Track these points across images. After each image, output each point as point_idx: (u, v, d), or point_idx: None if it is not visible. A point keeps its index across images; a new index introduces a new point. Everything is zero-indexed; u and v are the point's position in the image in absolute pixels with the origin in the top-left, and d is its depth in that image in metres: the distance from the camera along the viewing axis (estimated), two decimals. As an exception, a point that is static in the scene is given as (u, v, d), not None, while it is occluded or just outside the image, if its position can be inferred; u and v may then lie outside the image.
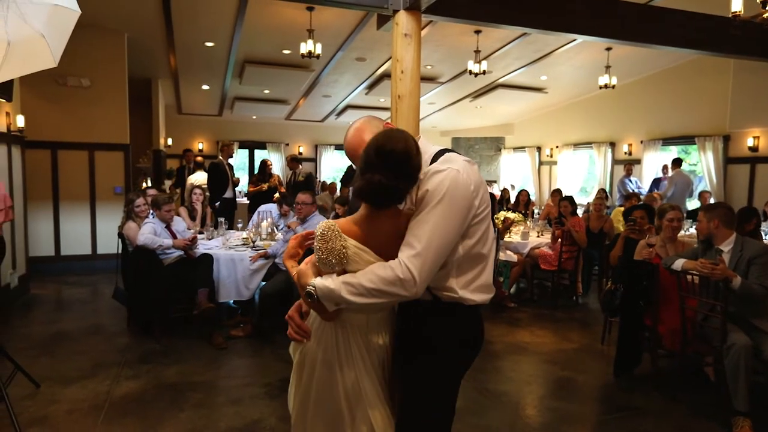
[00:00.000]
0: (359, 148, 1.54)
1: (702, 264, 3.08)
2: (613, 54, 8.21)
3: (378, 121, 1.67)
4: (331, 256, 1.44)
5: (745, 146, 8.47)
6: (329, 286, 1.44)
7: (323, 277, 1.48)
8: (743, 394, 2.93)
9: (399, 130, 1.52)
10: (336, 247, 1.44)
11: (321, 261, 1.47)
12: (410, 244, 1.41)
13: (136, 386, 3.53)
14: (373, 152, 1.44)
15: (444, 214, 1.43)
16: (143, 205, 4.58)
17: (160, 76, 9.69)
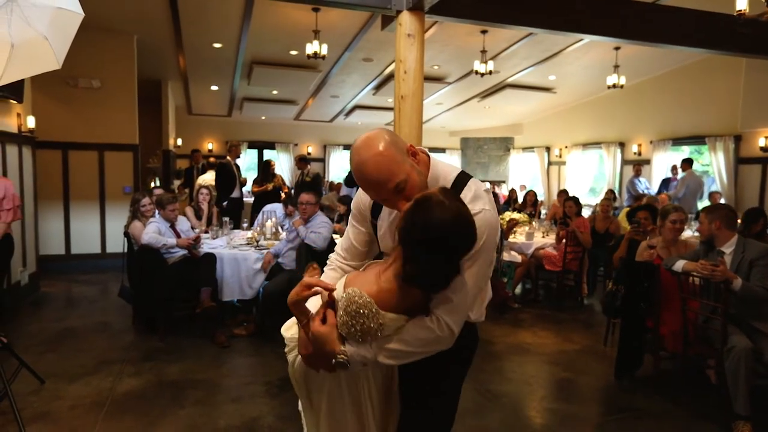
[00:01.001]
0: (387, 182, 1.34)
1: (702, 265, 3.05)
2: (621, 53, 8.14)
3: (400, 141, 1.41)
4: (366, 335, 1.34)
5: (757, 146, 8.35)
6: (365, 356, 1.35)
7: (354, 345, 1.36)
8: (744, 397, 2.89)
9: (447, 195, 1.30)
10: (373, 327, 1.33)
11: (350, 335, 1.35)
12: (448, 298, 1.34)
13: (138, 383, 3.57)
14: (435, 235, 1.25)
15: (483, 262, 1.41)
16: (149, 205, 4.64)
17: (169, 77, 9.80)
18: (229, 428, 2.99)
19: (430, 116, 12.80)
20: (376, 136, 1.37)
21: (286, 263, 4.64)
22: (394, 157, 1.36)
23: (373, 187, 1.40)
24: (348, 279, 1.48)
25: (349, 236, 1.68)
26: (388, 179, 1.35)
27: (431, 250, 1.26)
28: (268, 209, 5.71)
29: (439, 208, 1.26)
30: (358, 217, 1.65)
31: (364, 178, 1.38)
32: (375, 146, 1.35)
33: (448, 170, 1.51)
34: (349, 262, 1.68)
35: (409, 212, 1.29)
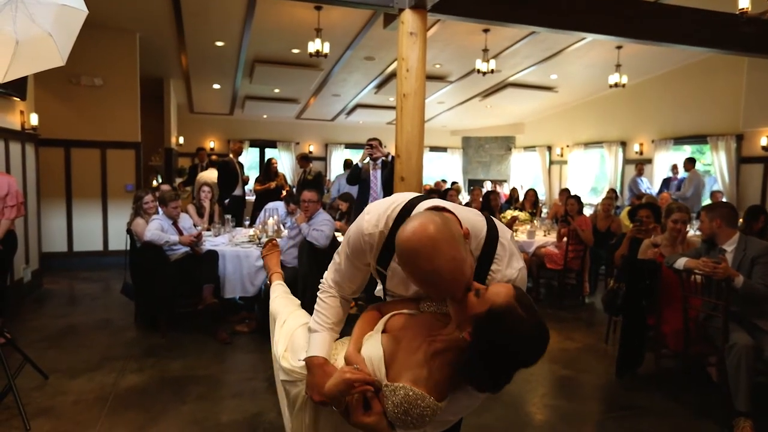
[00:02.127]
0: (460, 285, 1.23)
1: (704, 263, 3.05)
2: (623, 52, 8.13)
3: (455, 228, 1.26)
4: (422, 425, 1.29)
5: (759, 146, 8.34)
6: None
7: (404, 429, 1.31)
8: (745, 394, 2.90)
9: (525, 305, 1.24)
10: (431, 420, 1.29)
11: (403, 425, 1.29)
12: None
13: (140, 379, 3.59)
14: (512, 353, 1.22)
15: None
16: (151, 202, 4.65)
17: (172, 76, 9.82)
18: (231, 423, 3.00)
19: (432, 115, 12.80)
20: (442, 236, 1.19)
21: (287, 261, 4.65)
22: (464, 256, 1.24)
23: (441, 291, 1.26)
24: (387, 350, 1.36)
25: (344, 273, 1.55)
26: (460, 282, 1.23)
27: (503, 365, 1.24)
28: (270, 207, 5.72)
29: (522, 325, 1.21)
30: (356, 259, 1.51)
31: (435, 283, 1.22)
32: (446, 250, 1.19)
33: (477, 226, 1.39)
34: (345, 294, 1.61)
35: (488, 325, 1.21)
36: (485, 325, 1.21)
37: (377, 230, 1.42)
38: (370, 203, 1.54)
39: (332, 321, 1.56)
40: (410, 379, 1.29)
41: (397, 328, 1.43)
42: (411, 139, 4.99)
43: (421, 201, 1.43)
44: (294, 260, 4.60)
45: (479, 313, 1.23)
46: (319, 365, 1.47)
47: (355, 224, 1.48)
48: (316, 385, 1.45)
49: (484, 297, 1.25)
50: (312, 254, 4.40)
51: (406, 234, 1.21)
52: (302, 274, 4.41)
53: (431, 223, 1.21)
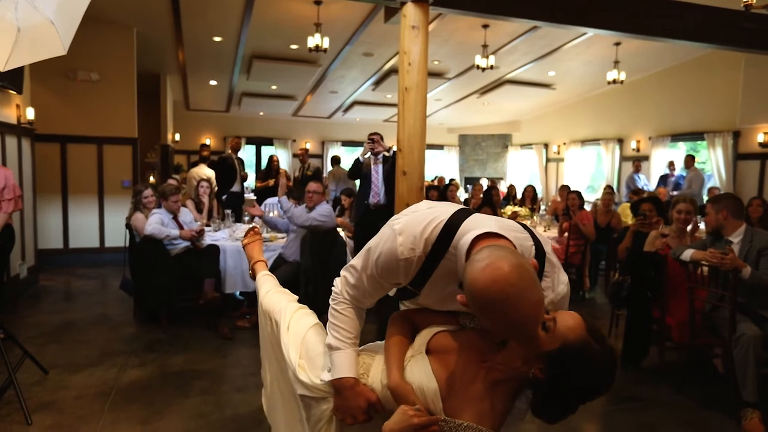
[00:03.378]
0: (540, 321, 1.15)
1: (712, 254, 3.05)
2: (621, 49, 8.15)
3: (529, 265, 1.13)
4: None
5: (756, 142, 8.39)
6: None
7: None
8: (752, 385, 2.90)
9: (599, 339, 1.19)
10: None
11: None
12: None
13: (142, 374, 3.55)
14: (589, 387, 1.20)
15: None
16: (151, 196, 4.60)
17: (168, 72, 9.74)
18: (236, 417, 2.97)
19: (429, 112, 12.73)
20: (525, 283, 1.07)
21: (288, 255, 4.62)
22: (542, 296, 1.15)
23: (522, 337, 1.16)
24: (441, 380, 1.30)
25: (365, 290, 1.44)
26: (540, 323, 1.16)
27: (578, 399, 1.21)
28: (270, 202, 5.69)
29: (598, 360, 1.17)
30: (383, 281, 1.41)
31: (519, 332, 1.13)
32: (530, 296, 1.08)
33: (527, 246, 1.28)
34: (360, 306, 1.52)
35: (560, 360, 1.17)
36: (560, 363, 1.16)
37: (415, 255, 1.29)
38: (398, 219, 1.37)
39: (353, 335, 1.47)
40: (474, 416, 1.23)
41: (443, 350, 1.35)
42: (413, 133, 4.98)
43: (463, 219, 1.28)
44: (294, 254, 4.56)
45: (552, 350, 1.17)
46: (351, 387, 1.40)
47: (384, 246, 1.33)
48: (349, 408, 1.40)
49: (556, 332, 1.18)
50: (315, 248, 4.37)
51: (483, 281, 1.06)
52: (305, 268, 4.37)
53: (509, 265, 1.06)
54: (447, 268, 1.30)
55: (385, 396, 1.39)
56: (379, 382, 1.42)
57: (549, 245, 1.35)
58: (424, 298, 1.42)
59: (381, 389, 1.41)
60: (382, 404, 1.40)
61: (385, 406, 1.40)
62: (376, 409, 1.41)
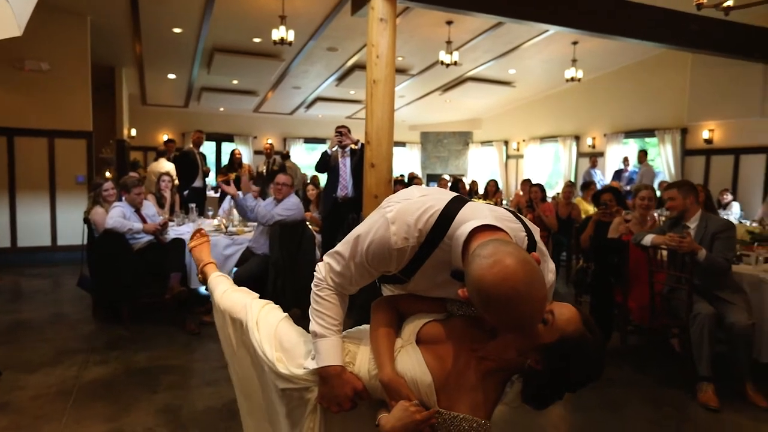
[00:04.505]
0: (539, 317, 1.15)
1: (671, 237, 3.20)
2: (579, 48, 8.44)
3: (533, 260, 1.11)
4: None
5: (701, 139, 8.86)
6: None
7: None
8: (707, 360, 3.06)
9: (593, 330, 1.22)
10: None
11: None
12: None
13: (105, 371, 3.41)
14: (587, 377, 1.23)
15: None
16: (111, 189, 4.43)
17: (124, 64, 9.39)
18: (209, 410, 2.90)
19: (393, 109, 12.83)
20: (531, 279, 1.06)
21: (256, 248, 4.54)
22: (546, 292, 1.16)
23: (533, 327, 1.17)
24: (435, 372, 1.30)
25: (351, 277, 1.40)
26: (544, 312, 1.18)
27: (572, 387, 1.24)
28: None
29: (593, 352, 1.20)
30: (374, 269, 1.38)
31: (522, 328, 1.14)
32: (536, 294, 1.07)
33: (520, 237, 1.28)
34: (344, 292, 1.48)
35: (559, 352, 1.19)
36: (558, 355, 1.18)
37: (408, 245, 1.27)
38: (390, 206, 1.33)
39: (338, 321, 1.43)
40: (469, 407, 1.24)
41: (434, 340, 1.34)
42: (381, 126, 5.00)
43: (458, 208, 1.26)
44: (263, 247, 4.49)
45: (550, 342, 1.19)
46: (338, 375, 1.37)
47: (377, 234, 1.30)
48: (336, 396, 1.37)
49: (554, 325, 1.19)
50: (284, 241, 4.32)
51: (492, 279, 1.04)
52: (273, 261, 4.31)
53: (516, 262, 1.05)
54: (440, 258, 1.29)
55: (371, 384, 1.38)
56: (366, 371, 1.39)
57: (538, 233, 1.35)
58: (414, 285, 1.41)
59: (368, 378, 1.39)
60: (369, 393, 1.39)
61: (372, 395, 1.39)
62: (362, 397, 1.39)
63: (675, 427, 2.84)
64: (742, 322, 3.05)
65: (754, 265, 3.59)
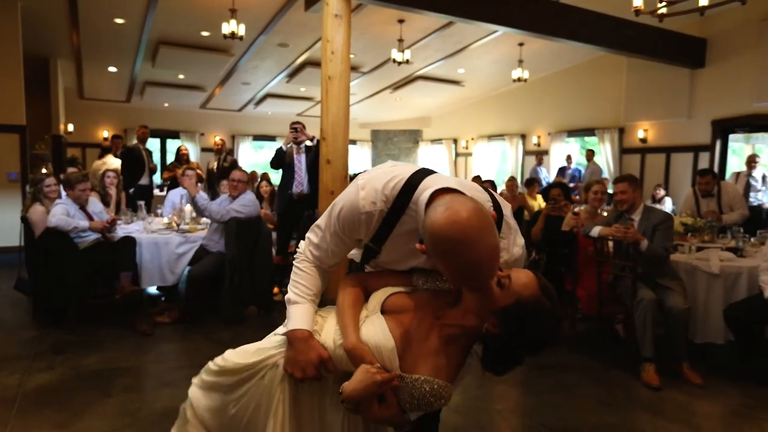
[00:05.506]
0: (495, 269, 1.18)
1: (617, 228, 3.41)
2: (525, 49, 8.75)
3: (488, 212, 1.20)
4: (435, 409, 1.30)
5: (637, 138, 9.40)
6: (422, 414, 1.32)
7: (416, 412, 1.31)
8: (650, 342, 3.28)
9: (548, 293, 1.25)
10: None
11: (420, 410, 1.29)
12: None
13: (52, 377, 3.24)
14: (542, 342, 1.26)
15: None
16: (54, 185, 4.19)
17: (59, 55, 8.87)
18: (168, 411, 2.81)
19: (343, 107, 12.80)
20: (481, 224, 1.11)
21: (211, 246, 4.44)
22: (498, 243, 1.20)
23: (476, 283, 1.19)
24: (397, 337, 1.31)
25: (327, 248, 1.45)
26: (495, 271, 1.19)
27: (528, 352, 1.27)
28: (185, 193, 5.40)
29: (548, 317, 1.23)
30: (345, 238, 1.43)
31: (476, 275, 1.15)
32: (486, 239, 1.11)
33: (482, 198, 1.33)
34: (325, 266, 1.51)
35: (515, 316, 1.21)
36: (514, 318, 1.21)
37: (376, 209, 1.33)
38: (363, 175, 1.39)
39: (313, 292, 1.46)
40: (430, 370, 1.26)
41: (398, 309, 1.36)
42: (337, 122, 5.01)
43: (423, 177, 1.31)
44: (217, 245, 4.39)
45: (506, 306, 1.21)
46: (304, 340, 1.36)
47: (347, 200, 1.37)
48: (300, 361, 1.35)
49: (510, 288, 1.22)
50: (240, 238, 4.24)
51: (443, 223, 1.10)
52: (230, 258, 4.23)
53: (468, 209, 1.10)
54: (407, 225, 1.33)
55: (337, 355, 1.37)
56: (332, 340, 1.39)
57: (508, 208, 1.40)
58: (386, 256, 1.44)
59: (333, 348, 1.38)
60: (334, 363, 1.38)
61: (337, 366, 1.38)
62: (327, 368, 1.38)
63: (623, 405, 3.02)
64: (680, 307, 3.29)
65: (688, 254, 3.86)
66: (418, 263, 1.41)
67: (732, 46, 7.91)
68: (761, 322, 3.29)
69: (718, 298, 3.52)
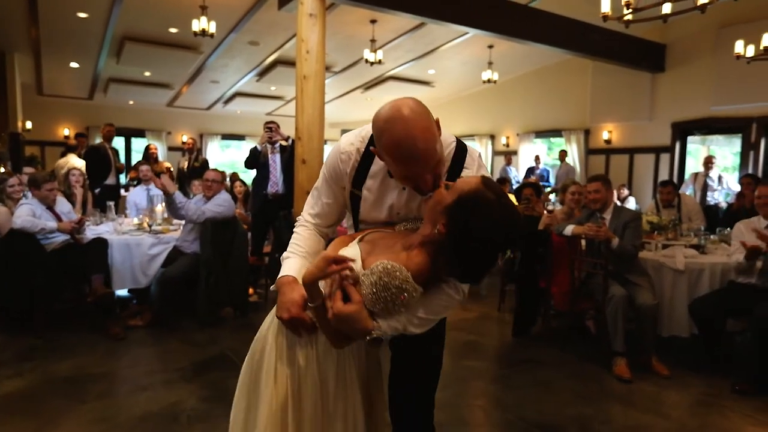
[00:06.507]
0: (430, 160, 1.29)
1: (589, 227, 3.52)
2: (494, 51, 8.91)
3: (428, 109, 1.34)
4: (401, 308, 1.30)
5: (602, 139, 9.71)
6: (397, 327, 1.32)
7: (384, 318, 1.31)
8: (621, 336, 3.41)
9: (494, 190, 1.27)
10: (410, 302, 1.30)
11: (383, 310, 1.29)
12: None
13: (21, 384, 3.12)
14: (488, 238, 1.25)
15: None
16: (17, 185, 4.03)
17: (16, 49, 8.51)
18: (147, 416, 2.76)
19: (314, 107, 12.72)
20: (417, 107, 1.30)
21: (185, 248, 4.36)
22: (435, 132, 1.32)
23: (414, 166, 1.30)
24: (364, 250, 1.39)
25: (321, 201, 1.59)
26: (431, 157, 1.30)
27: (481, 251, 1.27)
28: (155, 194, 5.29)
29: (492, 209, 1.23)
30: (332, 182, 1.57)
31: (407, 154, 1.28)
32: (421, 119, 1.28)
33: (447, 139, 1.49)
34: (321, 228, 1.62)
35: (458, 212, 1.25)
36: (457, 213, 1.24)
37: (353, 147, 1.50)
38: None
39: (305, 250, 1.56)
40: (389, 260, 1.30)
41: (373, 240, 1.44)
42: (312, 121, 5.00)
43: None
44: (193, 246, 4.32)
45: (450, 203, 1.26)
46: (288, 283, 1.44)
47: (332, 149, 1.57)
48: (285, 302, 1.39)
49: (454, 188, 1.29)
50: (216, 239, 4.18)
51: (383, 109, 1.31)
52: (204, 259, 4.16)
53: (407, 100, 1.31)
54: (380, 164, 1.48)
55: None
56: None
57: (477, 152, 1.53)
58: (364, 202, 1.54)
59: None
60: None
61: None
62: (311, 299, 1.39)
63: (597, 397, 3.12)
64: (649, 302, 3.43)
65: (654, 251, 4.02)
66: (393, 201, 1.52)
67: (690, 52, 8.27)
68: (723, 317, 3.46)
69: (683, 294, 3.68)
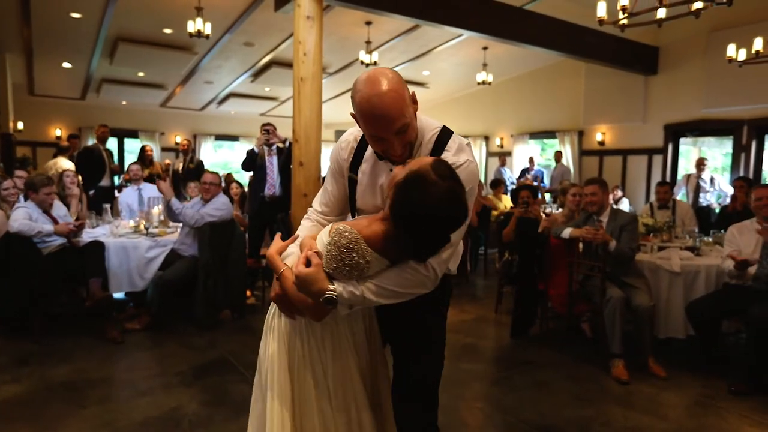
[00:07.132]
0: (396, 121, 1.37)
1: (587, 230, 3.55)
2: (489, 53, 8.94)
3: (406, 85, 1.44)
4: (353, 270, 1.36)
5: (595, 140, 9.78)
6: (353, 291, 1.37)
7: (341, 282, 1.38)
8: (618, 338, 3.44)
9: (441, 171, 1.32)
10: (361, 263, 1.35)
11: (336, 270, 1.37)
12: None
13: (19, 389, 3.10)
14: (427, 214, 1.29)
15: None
16: (12, 188, 4.00)
17: (7, 50, 8.42)
18: (149, 420, 2.75)
19: (308, 107, 12.69)
20: (392, 74, 1.40)
21: (183, 250, 4.34)
22: (405, 97, 1.40)
23: (380, 123, 1.38)
24: (333, 226, 1.46)
25: (327, 190, 1.70)
26: (397, 118, 1.37)
27: (423, 227, 1.31)
28: (153, 196, 5.27)
29: (433, 188, 1.28)
30: (335, 171, 1.67)
31: (374, 111, 1.37)
32: (392, 82, 1.37)
33: (432, 124, 1.56)
34: (328, 217, 1.70)
35: (402, 188, 1.30)
36: (400, 190, 1.31)
37: (352, 136, 1.64)
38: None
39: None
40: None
41: (349, 222, 1.50)
42: (310, 124, 4.99)
43: None
44: (191, 249, 4.31)
45: (399, 179, 1.32)
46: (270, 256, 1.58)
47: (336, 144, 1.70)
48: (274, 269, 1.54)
49: (407, 166, 1.35)
50: (214, 242, 4.18)
51: (362, 76, 1.42)
52: (203, 263, 4.15)
53: (385, 69, 1.43)
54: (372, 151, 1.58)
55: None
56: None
57: (465, 141, 1.57)
58: (360, 185, 1.62)
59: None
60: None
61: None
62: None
63: (596, 399, 3.15)
64: (646, 304, 3.47)
65: (650, 253, 4.06)
66: (383, 181, 1.57)
67: (683, 54, 8.35)
68: (719, 318, 3.50)
69: (679, 296, 3.72)
